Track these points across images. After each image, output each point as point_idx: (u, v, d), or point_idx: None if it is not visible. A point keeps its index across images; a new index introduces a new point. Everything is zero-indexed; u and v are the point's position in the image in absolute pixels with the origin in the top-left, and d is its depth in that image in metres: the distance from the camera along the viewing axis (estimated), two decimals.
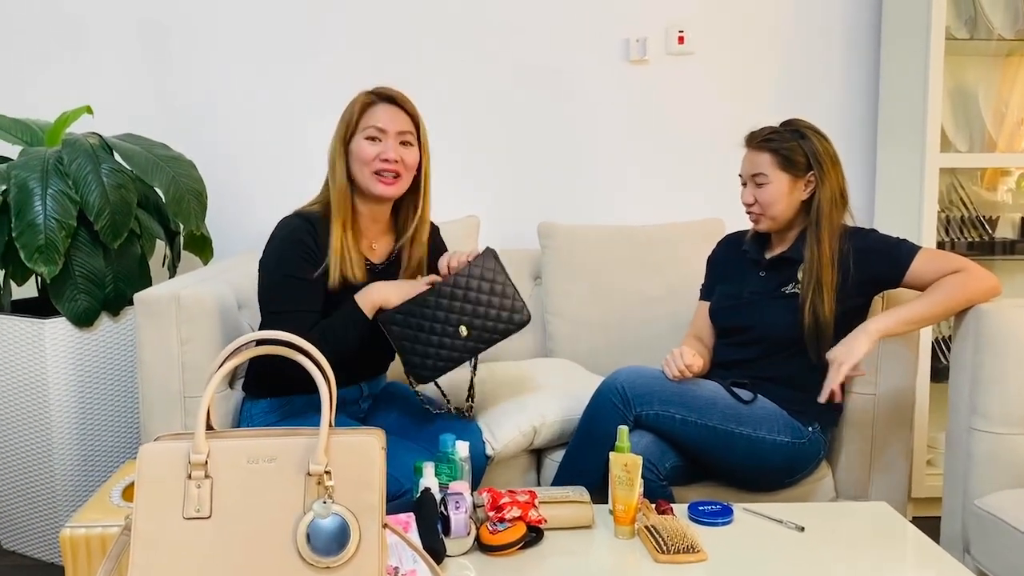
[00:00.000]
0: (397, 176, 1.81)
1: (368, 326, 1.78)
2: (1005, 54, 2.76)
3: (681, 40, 2.86)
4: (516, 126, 2.89)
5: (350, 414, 1.94)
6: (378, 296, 1.79)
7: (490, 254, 1.84)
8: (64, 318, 2.23)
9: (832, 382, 1.84)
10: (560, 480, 1.93)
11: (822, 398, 1.85)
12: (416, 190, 1.88)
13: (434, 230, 2.01)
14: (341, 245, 1.78)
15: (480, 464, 1.91)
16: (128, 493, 1.72)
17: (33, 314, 2.27)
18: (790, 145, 1.95)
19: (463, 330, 1.80)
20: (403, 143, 1.80)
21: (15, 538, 2.38)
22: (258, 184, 2.85)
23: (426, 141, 1.86)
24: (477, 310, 1.81)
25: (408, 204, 1.89)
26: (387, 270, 1.91)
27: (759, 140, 1.98)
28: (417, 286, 1.82)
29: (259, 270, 1.82)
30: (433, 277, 1.84)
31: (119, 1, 2.74)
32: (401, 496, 1.67)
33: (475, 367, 1.97)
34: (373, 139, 1.78)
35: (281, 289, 1.76)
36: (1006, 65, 2.78)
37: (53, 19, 2.74)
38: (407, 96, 1.84)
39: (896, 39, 2.74)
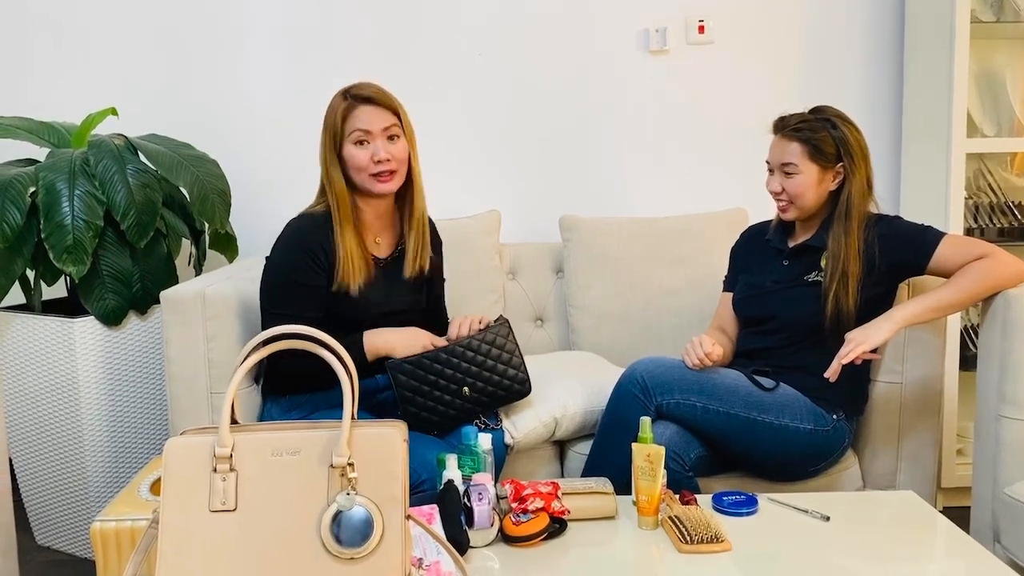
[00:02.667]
0: (393, 172, 1.84)
1: (363, 367, 1.83)
2: None
3: (702, 29, 2.83)
4: (536, 119, 2.88)
5: (367, 407, 1.95)
6: (384, 345, 1.86)
7: (506, 323, 1.93)
8: (93, 317, 2.27)
9: (840, 358, 1.82)
10: (589, 473, 1.93)
11: (827, 373, 1.83)
12: (408, 177, 1.90)
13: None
14: (347, 251, 1.83)
15: (500, 454, 1.92)
16: (156, 487, 1.74)
17: (63, 314, 2.30)
18: (821, 135, 1.92)
19: (465, 390, 1.87)
20: (390, 138, 1.83)
21: (48, 534, 2.43)
22: (282, 181, 2.87)
23: (410, 128, 1.88)
24: (482, 374, 1.88)
25: (405, 194, 1.93)
26: (392, 264, 1.95)
27: (789, 128, 1.95)
28: (424, 343, 1.87)
29: (264, 269, 1.88)
30: (443, 342, 1.89)
31: (142, 4, 2.78)
32: (420, 486, 1.68)
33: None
34: (361, 142, 1.82)
35: (284, 293, 1.82)
36: None
37: (77, 23, 2.77)
38: (383, 88, 1.86)
39: (921, 23, 2.70)
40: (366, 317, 1.88)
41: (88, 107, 2.59)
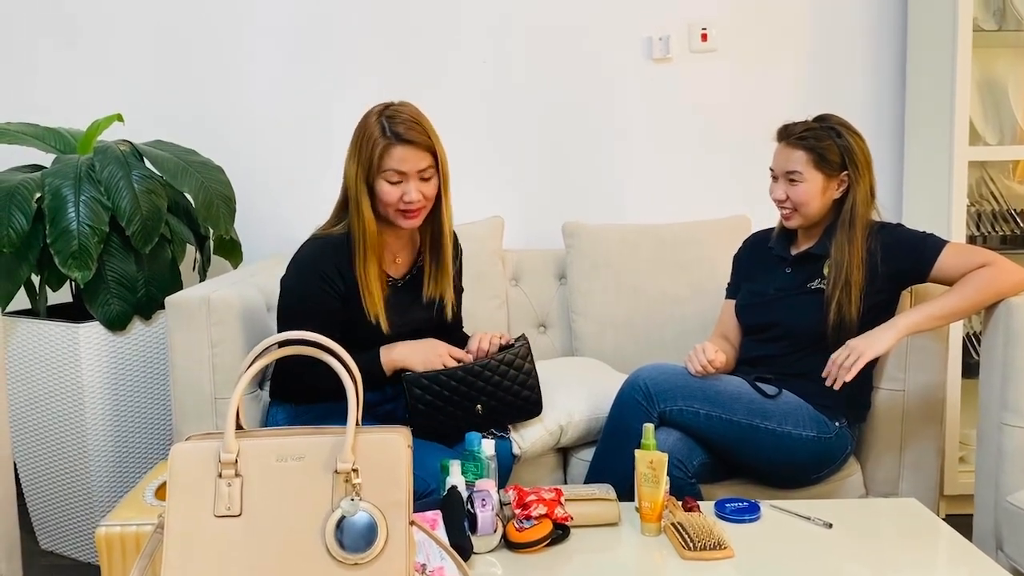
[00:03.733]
0: (420, 209, 1.82)
1: (380, 380, 1.85)
2: None
3: (704, 38, 2.84)
4: (540, 126, 2.89)
5: (373, 417, 1.95)
6: (400, 359, 1.85)
7: (526, 343, 1.93)
8: (98, 322, 2.27)
9: (836, 365, 1.82)
10: (592, 479, 1.93)
11: (825, 374, 1.84)
12: (436, 206, 1.87)
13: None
14: (368, 283, 1.81)
15: (507, 464, 1.92)
16: (161, 492, 1.74)
17: (68, 319, 2.31)
18: (826, 144, 1.93)
19: (478, 408, 1.87)
20: (423, 178, 1.80)
21: (52, 538, 2.43)
22: (286, 188, 2.88)
23: (445, 165, 1.84)
24: (497, 393, 1.89)
25: (428, 218, 1.88)
26: (408, 284, 1.94)
27: (794, 136, 1.95)
28: (440, 353, 1.87)
29: (280, 293, 1.87)
30: (462, 354, 1.89)
31: (148, 11, 2.79)
32: (428, 496, 1.68)
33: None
34: (394, 181, 1.78)
35: (300, 319, 1.78)
36: None
37: (83, 29, 2.79)
38: (422, 124, 1.81)
39: (923, 31, 2.71)
40: (381, 339, 1.87)
41: (94, 113, 2.61)
